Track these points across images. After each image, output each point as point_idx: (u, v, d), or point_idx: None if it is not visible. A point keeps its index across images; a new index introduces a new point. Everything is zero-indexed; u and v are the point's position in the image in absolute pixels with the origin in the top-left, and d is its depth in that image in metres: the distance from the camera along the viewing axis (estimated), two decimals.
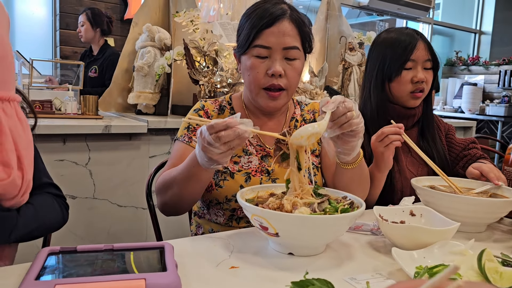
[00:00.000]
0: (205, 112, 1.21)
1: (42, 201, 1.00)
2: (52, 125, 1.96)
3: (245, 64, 1.13)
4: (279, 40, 1.08)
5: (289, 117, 1.27)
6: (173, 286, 0.65)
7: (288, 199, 0.86)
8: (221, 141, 0.85)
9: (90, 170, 2.12)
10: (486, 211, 1.02)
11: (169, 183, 1.05)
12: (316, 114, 1.30)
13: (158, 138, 2.30)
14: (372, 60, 1.43)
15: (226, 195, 1.13)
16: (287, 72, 1.11)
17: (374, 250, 0.91)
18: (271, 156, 1.19)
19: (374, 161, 1.27)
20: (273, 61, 1.10)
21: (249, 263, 0.81)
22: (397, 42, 1.36)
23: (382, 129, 1.20)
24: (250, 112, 1.23)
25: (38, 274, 0.65)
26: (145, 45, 2.50)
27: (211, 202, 1.17)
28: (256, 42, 1.09)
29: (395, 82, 1.37)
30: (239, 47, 1.16)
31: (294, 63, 1.12)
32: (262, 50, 1.09)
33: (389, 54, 1.36)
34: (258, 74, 1.11)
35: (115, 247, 0.78)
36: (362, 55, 2.94)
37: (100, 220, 2.17)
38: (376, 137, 1.22)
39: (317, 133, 0.88)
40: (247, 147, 1.18)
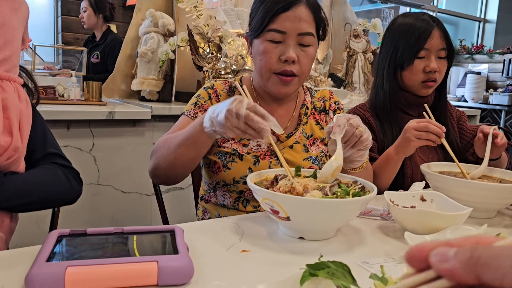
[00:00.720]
0: (214, 91, 1.19)
1: (43, 170, 0.99)
2: (55, 111, 1.95)
3: (258, 48, 1.11)
4: (295, 26, 1.06)
5: (299, 104, 1.25)
6: (185, 269, 0.64)
7: (300, 182, 0.85)
8: (247, 119, 0.83)
9: (94, 156, 2.11)
10: (497, 196, 1.01)
11: (167, 145, 1.03)
12: (327, 103, 1.28)
13: (162, 124, 2.28)
14: (386, 46, 1.39)
15: (234, 177, 1.13)
16: (300, 58, 1.09)
17: (385, 234, 0.90)
18: (281, 141, 1.18)
19: (395, 144, 1.24)
20: (287, 46, 1.07)
21: (260, 247, 0.80)
22: (411, 29, 1.32)
23: (428, 124, 1.17)
24: (260, 96, 1.21)
25: (48, 256, 0.65)
26: (148, 31, 2.47)
27: (218, 183, 1.16)
28: (270, 26, 1.07)
29: (407, 71, 1.34)
30: (251, 31, 1.13)
31: (307, 50, 1.10)
32: (276, 34, 1.07)
33: (402, 42, 1.33)
34: (271, 59, 1.09)
35: (125, 230, 0.77)
36: (367, 42, 2.91)
37: (104, 206, 2.17)
38: (417, 125, 1.18)
39: (339, 167, 0.91)
40: None
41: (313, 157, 1.19)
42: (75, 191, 1.05)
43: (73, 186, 1.04)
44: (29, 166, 1.02)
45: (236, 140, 1.15)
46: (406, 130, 1.20)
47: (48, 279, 0.59)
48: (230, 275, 0.69)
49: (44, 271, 0.59)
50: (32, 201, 0.95)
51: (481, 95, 5.51)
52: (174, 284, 0.64)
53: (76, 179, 1.06)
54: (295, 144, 1.19)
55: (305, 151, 1.19)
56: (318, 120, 1.25)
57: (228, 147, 1.14)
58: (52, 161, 1.04)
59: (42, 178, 0.97)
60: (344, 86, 2.96)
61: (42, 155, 1.03)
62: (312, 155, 1.19)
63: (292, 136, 1.19)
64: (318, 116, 1.26)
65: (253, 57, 1.16)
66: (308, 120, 1.24)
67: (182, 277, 0.64)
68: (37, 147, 1.03)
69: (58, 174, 1.01)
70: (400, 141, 1.23)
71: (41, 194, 0.96)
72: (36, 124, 1.04)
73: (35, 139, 1.02)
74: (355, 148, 0.97)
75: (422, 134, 1.16)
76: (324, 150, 1.23)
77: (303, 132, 1.21)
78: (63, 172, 1.03)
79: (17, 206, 0.94)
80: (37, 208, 0.99)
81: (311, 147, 1.21)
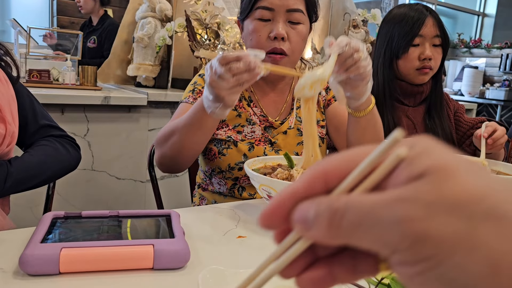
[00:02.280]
0: None
1: (43, 148, 1.00)
2: (50, 95, 1.92)
3: (248, 28, 1.10)
4: (282, 2, 1.05)
5: (294, 88, 1.23)
6: (182, 253, 0.64)
7: (298, 170, 0.84)
8: (231, 71, 0.81)
9: (89, 142, 2.09)
10: None
11: (171, 132, 1.01)
12: None
13: (158, 111, 2.27)
14: (381, 37, 1.41)
15: (229, 163, 1.12)
16: (290, 36, 1.07)
17: None
18: (274, 127, 1.17)
19: None
20: (275, 23, 1.06)
21: (256, 233, 0.80)
22: (405, 18, 1.34)
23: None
24: (255, 83, 1.18)
25: (43, 238, 0.64)
26: (145, 15, 2.44)
27: (214, 171, 1.15)
28: (259, 3, 1.06)
29: (402, 59, 1.35)
30: (241, 12, 1.13)
31: (298, 27, 1.08)
32: (264, 12, 1.06)
33: (397, 31, 1.34)
34: (261, 37, 1.07)
35: (121, 214, 0.76)
36: (366, 33, 2.89)
37: (98, 192, 2.16)
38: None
39: (320, 80, 0.79)
40: (251, 117, 1.16)
41: None
42: (75, 159, 1.07)
43: (72, 155, 1.06)
44: (25, 140, 1.03)
45: (230, 127, 1.14)
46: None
47: (43, 260, 0.58)
48: (226, 260, 0.68)
49: (38, 252, 0.59)
50: (39, 182, 0.97)
51: (478, 89, 5.52)
52: (170, 267, 0.63)
53: (73, 146, 1.08)
54: (288, 129, 1.17)
55: (299, 135, 1.18)
56: None
57: (222, 134, 1.13)
58: (47, 133, 1.04)
59: (45, 159, 0.98)
60: None
61: (36, 128, 1.03)
62: None
63: (286, 122, 1.18)
64: None
65: (244, 40, 1.15)
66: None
67: (178, 261, 0.63)
68: (28, 121, 1.03)
69: (58, 148, 1.02)
70: None
71: (47, 173, 0.98)
72: (23, 98, 1.03)
73: (24, 112, 1.02)
74: (349, 73, 0.88)
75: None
76: (320, 133, 1.20)
77: (296, 117, 1.19)
78: (61, 144, 1.04)
79: (26, 189, 0.95)
80: (44, 184, 1.02)
81: None
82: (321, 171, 0.24)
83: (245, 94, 1.18)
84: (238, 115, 1.15)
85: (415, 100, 1.42)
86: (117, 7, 3.96)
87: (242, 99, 1.17)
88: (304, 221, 0.23)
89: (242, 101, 1.17)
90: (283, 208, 0.24)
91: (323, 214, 0.22)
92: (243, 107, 1.17)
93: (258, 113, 1.17)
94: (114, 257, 0.61)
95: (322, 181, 0.24)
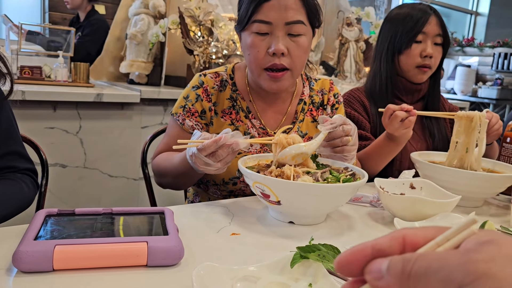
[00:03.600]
0: (204, 90, 1.11)
1: (5, 182, 0.93)
2: (42, 92, 1.91)
3: (245, 41, 1.04)
4: (280, 15, 0.98)
5: (296, 99, 1.17)
6: (175, 250, 0.64)
7: (290, 168, 0.85)
8: (217, 159, 0.84)
9: (81, 139, 2.08)
10: (485, 185, 1.02)
11: (163, 172, 1.05)
12: (325, 96, 1.21)
13: (151, 108, 2.26)
14: (384, 33, 1.43)
15: (223, 178, 1.08)
16: (291, 50, 1.00)
17: (374, 221, 0.91)
18: None
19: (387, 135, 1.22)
20: (274, 38, 0.99)
21: (250, 231, 0.80)
22: (409, 15, 1.37)
23: (387, 111, 1.15)
24: (253, 91, 1.14)
25: (36, 234, 0.63)
26: (138, 12, 2.43)
27: (209, 182, 1.12)
28: (255, 17, 0.99)
29: (404, 55, 1.37)
30: (238, 23, 1.07)
31: (299, 40, 1.01)
32: (262, 25, 0.99)
33: (401, 27, 1.37)
34: (259, 53, 1.01)
35: (114, 211, 0.76)
36: (359, 31, 2.91)
37: (91, 190, 2.14)
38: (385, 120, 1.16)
39: (302, 154, 0.89)
40: (249, 130, 1.11)
41: None
42: (32, 198, 0.99)
43: (32, 194, 0.99)
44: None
45: None
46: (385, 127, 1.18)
47: (36, 257, 0.58)
48: (220, 257, 0.68)
49: (32, 249, 0.58)
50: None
51: (470, 88, 5.56)
52: (164, 264, 0.63)
53: (33, 184, 1.01)
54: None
55: None
56: (315, 116, 1.19)
57: None
58: (12, 163, 0.97)
59: (6, 197, 0.90)
60: (335, 75, 2.95)
61: (3, 152, 0.96)
62: None
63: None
64: (315, 112, 1.19)
65: (243, 51, 1.09)
66: (304, 117, 1.17)
67: (172, 258, 0.63)
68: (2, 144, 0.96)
69: (22, 189, 0.95)
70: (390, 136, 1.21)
71: (5, 211, 0.89)
72: (3, 116, 0.96)
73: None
74: (335, 152, 0.96)
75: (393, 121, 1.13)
76: None
77: (298, 130, 1.15)
78: (25, 183, 0.97)
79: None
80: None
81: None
82: (401, 233, 0.28)
83: (243, 105, 1.12)
84: (236, 129, 1.09)
85: (413, 97, 1.45)
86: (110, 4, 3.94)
87: (240, 111, 1.12)
88: (378, 271, 0.26)
89: (239, 113, 1.12)
90: (361, 257, 0.27)
91: (396, 264, 0.25)
92: (240, 119, 1.12)
93: (257, 125, 1.12)
94: (108, 254, 0.61)
95: (401, 243, 0.27)
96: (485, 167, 1.15)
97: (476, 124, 1.07)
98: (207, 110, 1.11)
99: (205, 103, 1.11)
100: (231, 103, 1.12)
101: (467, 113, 1.10)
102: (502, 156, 1.20)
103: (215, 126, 1.11)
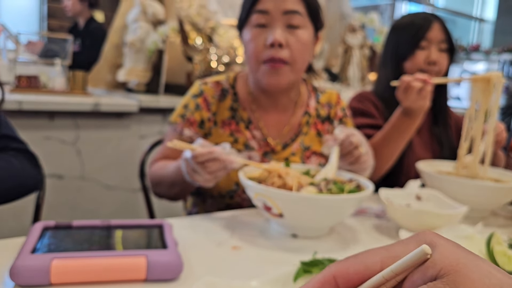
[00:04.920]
0: (203, 99, 1.09)
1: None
2: (38, 101, 1.89)
3: (245, 37, 1.04)
4: (278, 4, 0.98)
5: (301, 111, 1.13)
6: (174, 264, 0.62)
7: (293, 178, 0.82)
8: (206, 170, 0.82)
9: (79, 149, 2.05)
10: (492, 196, 1.00)
11: (158, 180, 1.02)
12: (332, 110, 1.18)
13: (150, 117, 2.24)
14: (389, 41, 1.43)
15: (219, 191, 1.05)
16: (290, 42, 0.99)
17: (380, 233, 0.88)
18: (275, 152, 1.09)
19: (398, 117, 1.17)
20: (272, 29, 0.99)
21: (251, 244, 0.77)
22: (412, 23, 1.37)
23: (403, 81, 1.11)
24: (255, 100, 1.11)
25: (33, 248, 0.61)
26: (137, 19, 2.41)
27: (206, 194, 1.09)
28: (253, 8, 1.01)
29: (409, 62, 1.36)
30: (239, 21, 1.07)
31: (297, 32, 1.00)
32: (260, 16, 0.99)
33: (405, 35, 1.36)
34: (257, 45, 1.00)
35: (113, 224, 0.74)
36: (363, 38, 2.89)
37: (88, 201, 2.11)
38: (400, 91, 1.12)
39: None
40: (249, 141, 1.08)
41: None
42: (32, 178, 0.94)
43: (29, 173, 0.93)
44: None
45: None
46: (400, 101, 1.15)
47: (34, 271, 0.57)
48: (220, 271, 0.66)
49: (29, 263, 0.57)
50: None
51: None
52: (163, 279, 0.61)
53: (32, 163, 0.95)
54: (291, 156, 1.09)
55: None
56: (320, 131, 1.15)
57: None
58: (4, 144, 0.93)
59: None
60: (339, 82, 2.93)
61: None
62: None
63: (289, 147, 1.09)
64: (321, 126, 1.15)
65: (244, 53, 1.08)
66: (308, 131, 1.13)
67: (171, 272, 0.62)
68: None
69: (12, 162, 0.89)
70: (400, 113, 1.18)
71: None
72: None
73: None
74: (352, 166, 0.96)
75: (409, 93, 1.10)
76: (322, 163, 1.13)
77: (301, 143, 1.12)
78: (17, 159, 0.91)
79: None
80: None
81: (308, 160, 1.11)
82: (331, 273, 0.26)
83: (243, 115, 1.10)
84: (235, 141, 1.07)
85: None
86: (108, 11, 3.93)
87: (240, 122, 1.09)
88: None
89: (239, 123, 1.09)
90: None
91: None
92: (240, 131, 1.09)
93: (257, 136, 1.09)
94: (106, 268, 0.59)
95: (333, 286, 0.26)
96: (492, 177, 1.13)
97: (493, 85, 1.02)
98: (206, 121, 1.08)
99: (205, 113, 1.08)
100: (231, 113, 1.10)
101: (483, 75, 1.05)
102: (509, 166, 1.18)
103: (214, 136, 1.08)
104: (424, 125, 1.43)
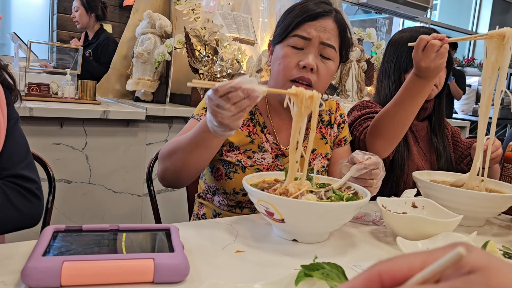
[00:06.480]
0: None
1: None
2: (49, 108, 1.94)
3: (278, 53, 1.10)
4: (319, 34, 1.06)
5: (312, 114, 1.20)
6: (181, 267, 0.65)
7: (294, 186, 0.86)
8: (231, 101, 0.81)
9: (87, 155, 2.10)
10: (486, 205, 1.03)
11: (175, 149, 1.00)
12: (333, 116, 1.26)
13: (156, 125, 2.28)
14: (389, 55, 1.46)
15: (234, 187, 1.11)
16: (319, 69, 1.07)
17: (377, 239, 0.92)
18: (286, 155, 1.16)
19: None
20: (307, 53, 1.06)
21: (254, 248, 0.81)
22: (412, 38, 1.38)
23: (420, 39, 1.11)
24: (272, 108, 1.18)
25: (45, 250, 0.65)
26: (145, 31, 2.48)
27: (218, 189, 1.15)
28: (295, 32, 1.07)
29: (409, 73, 1.39)
30: (275, 36, 1.13)
31: (328, 63, 1.09)
32: (299, 40, 1.07)
33: (405, 48, 1.39)
34: (290, 63, 1.07)
35: (121, 228, 0.77)
36: (361, 51, 2.95)
37: (95, 205, 2.16)
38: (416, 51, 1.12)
39: None
40: (263, 144, 1.15)
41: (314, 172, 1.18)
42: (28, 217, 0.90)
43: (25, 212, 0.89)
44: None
45: (242, 150, 1.13)
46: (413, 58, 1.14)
47: (45, 273, 0.59)
48: (225, 274, 0.69)
49: (40, 265, 0.59)
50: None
51: (471, 107, 5.59)
52: (170, 281, 0.64)
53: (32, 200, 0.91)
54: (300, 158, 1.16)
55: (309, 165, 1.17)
56: (324, 134, 1.24)
57: (232, 157, 1.12)
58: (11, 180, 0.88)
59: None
60: (337, 94, 2.98)
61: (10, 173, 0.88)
62: (314, 169, 1.18)
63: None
64: (324, 130, 1.24)
65: (271, 63, 1.14)
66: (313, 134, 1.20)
67: (178, 275, 0.64)
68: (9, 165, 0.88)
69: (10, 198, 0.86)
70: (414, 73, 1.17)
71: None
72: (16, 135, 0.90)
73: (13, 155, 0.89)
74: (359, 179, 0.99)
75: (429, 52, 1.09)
76: (325, 165, 1.22)
77: (307, 146, 1.18)
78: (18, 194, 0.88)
79: None
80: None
81: (313, 161, 1.20)
82: (376, 271, 0.27)
83: (260, 120, 1.17)
84: (251, 141, 1.14)
85: (419, 115, 1.47)
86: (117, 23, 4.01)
87: (257, 125, 1.16)
88: None
89: (256, 126, 1.16)
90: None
91: None
92: (256, 133, 1.15)
93: (271, 140, 1.16)
94: (115, 271, 0.62)
95: (378, 282, 0.27)
96: (488, 187, 1.16)
97: (508, 41, 1.02)
98: None
99: None
100: (249, 115, 1.17)
101: (498, 30, 1.04)
102: (503, 176, 1.21)
103: (234, 135, 1.12)
104: (423, 134, 1.47)
